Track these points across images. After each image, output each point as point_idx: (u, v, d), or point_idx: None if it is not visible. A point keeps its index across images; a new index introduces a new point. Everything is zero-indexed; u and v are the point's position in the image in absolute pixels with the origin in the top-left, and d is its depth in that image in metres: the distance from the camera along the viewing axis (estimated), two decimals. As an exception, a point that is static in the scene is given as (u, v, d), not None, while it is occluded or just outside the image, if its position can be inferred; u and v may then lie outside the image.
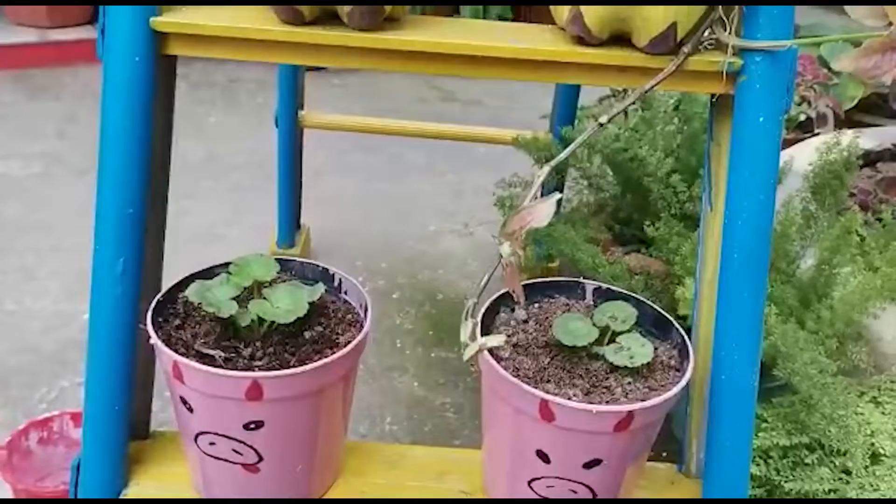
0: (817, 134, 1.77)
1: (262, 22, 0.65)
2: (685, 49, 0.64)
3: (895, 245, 1.11)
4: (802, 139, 1.78)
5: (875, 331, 1.13)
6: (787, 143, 1.79)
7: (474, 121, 2.42)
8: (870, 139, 1.59)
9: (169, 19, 0.64)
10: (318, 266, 0.75)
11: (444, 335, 1.46)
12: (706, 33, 0.65)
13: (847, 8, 0.55)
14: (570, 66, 0.66)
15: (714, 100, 0.70)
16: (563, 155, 0.60)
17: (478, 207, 1.61)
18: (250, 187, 1.89)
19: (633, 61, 0.65)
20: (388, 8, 0.64)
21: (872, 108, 1.89)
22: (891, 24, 0.55)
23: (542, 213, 0.52)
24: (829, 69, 1.84)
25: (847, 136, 1.32)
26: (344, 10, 0.63)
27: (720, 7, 0.62)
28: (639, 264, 1.39)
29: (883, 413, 1.03)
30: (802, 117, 1.81)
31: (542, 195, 1.55)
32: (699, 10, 0.63)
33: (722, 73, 0.65)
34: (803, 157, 1.44)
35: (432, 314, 1.52)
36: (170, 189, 0.76)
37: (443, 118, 2.40)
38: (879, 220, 1.47)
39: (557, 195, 0.53)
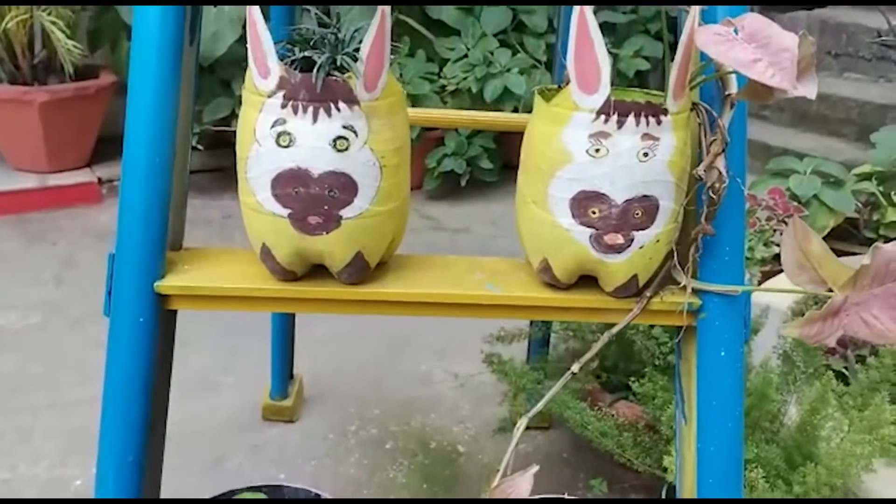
0: (792, 266, 1.83)
1: (256, 277, 0.71)
2: (647, 293, 0.69)
3: (873, 406, 1.14)
4: (778, 272, 1.84)
5: (866, 489, 1.15)
6: (765, 276, 1.85)
7: (463, 248, 2.50)
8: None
9: (172, 283, 0.69)
10: (310, 491, 0.78)
11: (438, 488, 1.47)
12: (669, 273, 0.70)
13: (789, 277, 0.60)
14: (543, 308, 0.71)
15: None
16: (541, 404, 0.64)
17: (468, 343, 1.63)
18: (246, 331, 1.92)
19: (600, 304, 0.70)
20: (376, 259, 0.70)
21: (845, 236, 1.97)
22: (830, 290, 0.60)
23: (522, 487, 0.56)
24: (799, 201, 1.93)
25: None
26: (334, 268, 0.69)
27: (675, 257, 0.68)
28: (626, 415, 1.41)
29: (875, 583, 1.04)
30: (776, 250, 1.89)
31: (529, 349, 1.56)
32: (658, 260, 0.68)
33: (683, 311, 0.70)
34: (779, 295, 1.51)
35: (425, 465, 1.53)
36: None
37: (434, 247, 2.47)
38: (859, 356, 1.51)
39: (535, 468, 0.57)
